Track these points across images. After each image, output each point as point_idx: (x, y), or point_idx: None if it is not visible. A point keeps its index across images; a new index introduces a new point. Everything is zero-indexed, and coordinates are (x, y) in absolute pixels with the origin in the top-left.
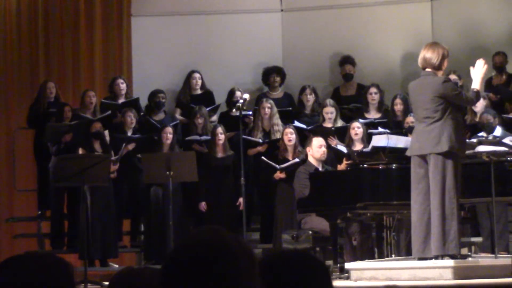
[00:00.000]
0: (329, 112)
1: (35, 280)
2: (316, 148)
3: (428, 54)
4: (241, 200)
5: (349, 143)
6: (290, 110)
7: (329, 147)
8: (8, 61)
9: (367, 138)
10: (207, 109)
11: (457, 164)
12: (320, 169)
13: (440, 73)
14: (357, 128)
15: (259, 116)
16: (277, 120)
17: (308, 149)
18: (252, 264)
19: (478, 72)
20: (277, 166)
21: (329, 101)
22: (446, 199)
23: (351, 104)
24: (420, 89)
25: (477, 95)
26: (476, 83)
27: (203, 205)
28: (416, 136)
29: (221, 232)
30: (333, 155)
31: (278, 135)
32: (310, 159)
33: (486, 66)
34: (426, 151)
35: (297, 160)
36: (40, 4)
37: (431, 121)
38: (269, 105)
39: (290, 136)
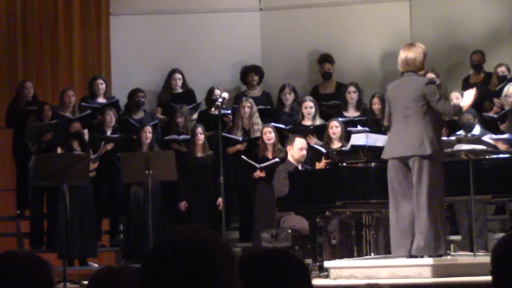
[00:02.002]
0: (308, 106)
1: (13, 279)
2: (297, 150)
3: (411, 55)
4: (220, 200)
5: (327, 141)
6: (269, 108)
7: (307, 145)
8: None
9: (345, 137)
10: (188, 107)
11: (441, 166)
12: (300, 168)
13: (421, 72)
14: (335, 127)
15: (239, 115)
16: (256, 119)
17: (289, 148)
18: (231, 263)
19: (469, 97)
20: (257, 165)
21: (309, 97)
22: (433, 201)
23: (330, 101)
24: (402, 88)
25: (459, 112)
26: (464, 102)
27: (183, 205)
28: (394, 136)
29: (200, 230)
30: (311, 154)
31: (257, 134)
32: (290, 158)
33: (475, 94)
34: (408, 153)
35: (277, 159)
36: (19, 2)
37: (412, 121)
38: (249, 104)
39: (269, 135)
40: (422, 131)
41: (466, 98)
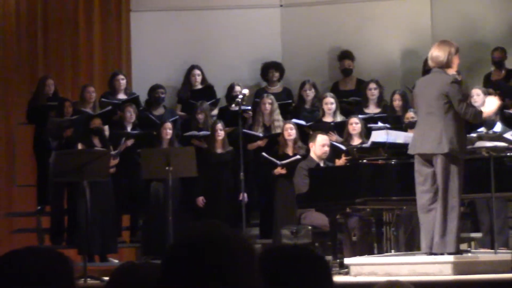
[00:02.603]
0: (329, 102)
1: (35, 275)
2: (319, 146)
3: (435, 53)
4: (242, 194)
5: (347, 138)
6: (291, 102)
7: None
8: (8, 56)
9: (365, 133)
10: (208, 103)
11: (460, 164)
12: (322, 165)
13: (450, 71)
14: (355, 124)
15: (260, 112)
16: (277, 115)
17: (311, 144)
18: (252, 259)
19: (493, 105)
20: (277, 162)
21: (329, 93)
22: (448, 198)
23: (350, 98)
24: (427, 84)
25: (479, 117)
26: (487, 109)
27: (200, 200)
28: (418, 133)
29: (220, 226)
30: (331, 151)
31: (278, 131)
32: (312, 155)
33: (498, 105)
34: (428, 151)
35: (298, 157)
36: None
37: (433, 118)
38: (270, 101)
39: (290, 132)
40: (442, 129)
41: (488, 105)
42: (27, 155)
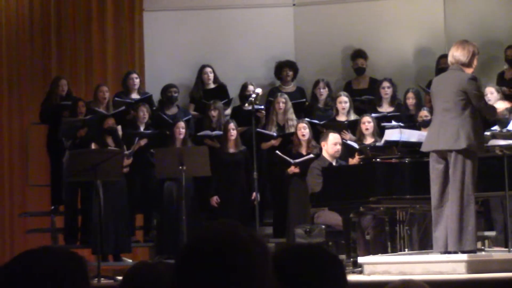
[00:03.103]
0: (343, 101)
1: (49, 275)
2: (331, 145)
3: (457, 52)
4: (254, 194)
5: (360, 137)
6: (304, 101)
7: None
8: (21, 56)
9: (378, 132)
10: (221, 102)
11: (475, 161)
12: (334, 164)
13: (469, 71)
14: (367, 123)
15: (274, 111)
16: (291, 115)
17: (323, 144)
18: (266, 258)
19: (502, 107)
20: (291, 160)
21: (343, 92)
22: (464, 196)
23: (363, 96)
24: (444, 81)
25: (495, 113)
26: (499, 105)
27: (214, 199)
28: (433, 129)
29: (235, 226)
30: (345, 150)
31: (292, 130)
32: (324, 154)
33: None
34: (445, 147)
35: (311, 155)
36: None
37: (451, 115)
38: (283, 100)
39: (303, 131)
40: (459, 125)
41: (499, 105)
42: (40, 155)
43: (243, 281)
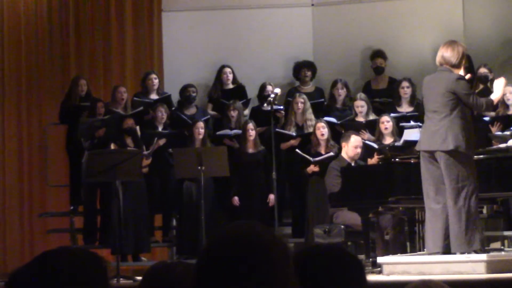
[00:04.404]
0: (360, 106)
1: (69, 275)
2: (352, 147)
3: (447, 53)
4: (271, 197)
5: (379, 137)
6: (323, 101)
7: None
8: (40, 57)
9: (397, 132)
10: (239, 102)
11: (469, 162)
12: (353, 164)
13: (458, 71)
14: (386, 122)
15: (292, 111)
16: (310, 115)
17: (343, 144)
18: (287, 258)
19: (499, 88)
20: (311, 158)
21: (360, 95)
22: (461, 197)
23: (382, 99)
24: (433, 83)
25: (491, 105)
26: (495, 95)
27: (236, 200)
28: (425, 131)
29: (256, 226)
30: (363, 149)
31: (311, 130)
32: (344, 154)
33: (505, 84)
34: (433, 148)
35: (331, 153)
36: (71, 0)
37: (439, 116)
38: (302, 100)
39: (322, 130)
40: (447, 126)
41: (496, 90)
42: (60, 155)
43: (264, 281)
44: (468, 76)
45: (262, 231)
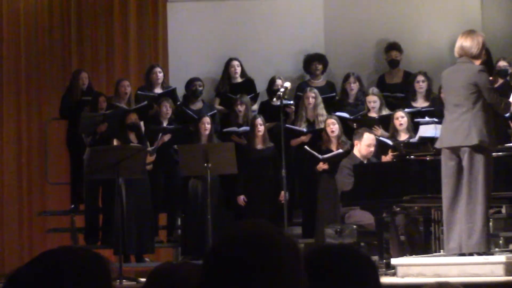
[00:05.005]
0: (372, 101)
1: (70, 276)
2: (365, 146)
3: (466, 43)
4: (283, 193)
5: (393, 133)
6: (334, 96)
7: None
8: (40, 49)
9: (412, 128)
10: (248, 96)
11: (489, 158)
12: (365, 162)
13: (478, 62)
14: (401, 118)
15: (303, 106)
16: (321, 110)
17: (356, 142)
18: (297, 259)
19: None
20: (319, 156)
21: (373, 89)
22: (475, 194)
23: (396, 94)
24: (454, 75)
25: (509, 106)
26: None
27: (242, 199)
28: (446, 126)
29: (264, 225)
30: (377, 146)
31: (322, 126)
32: (356, 152)
33: None
34: (456, 144)
35: (340, 151)
36: None
37: (461, 110)
38: (313, 95)
39: (332, 127)
40: (471, 120)
41: None
42: (60, 151)
43: (273, 283)
44: None
45: (271, 231)
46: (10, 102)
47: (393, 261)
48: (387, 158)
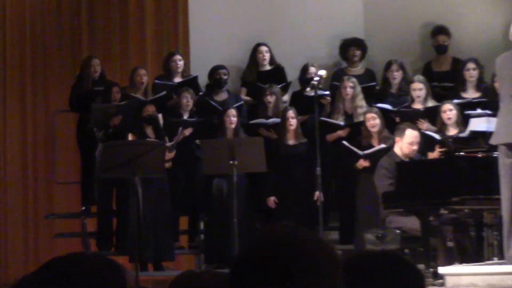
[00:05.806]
0: (417, 88)
1: (81, 285)
2: (407, 144)
3: None
4: (317, 193)
5: (441, 127)
6: (375, 85)
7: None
8: (48, 36)
9: (462, 122)
10: (278, 86)
11: None
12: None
13: None
14: (449, 111)
15: (340, 97)
16: (360, 101)
17: (397, 139)
18: (335, 267)
19: None
20: (359, 152)
21: (418, 77)
22: None
23: (444, 83)
24: (509, 62)
25: None
26: None
27: (272, 200)
28: (502, 120)
29: (298, 230)
30: (422, 141)
31: (361, 119)
32: (397, 150)
33: None
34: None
35: (383, 145)
36: None
37: None
38: (351, 84)
39: (372, 122)
40: None
41: None
42: (69, 147)
43: None
44: None
45: (305, 235)
46: (14, 92)
47: (441, 270)
48: (434, 154)
